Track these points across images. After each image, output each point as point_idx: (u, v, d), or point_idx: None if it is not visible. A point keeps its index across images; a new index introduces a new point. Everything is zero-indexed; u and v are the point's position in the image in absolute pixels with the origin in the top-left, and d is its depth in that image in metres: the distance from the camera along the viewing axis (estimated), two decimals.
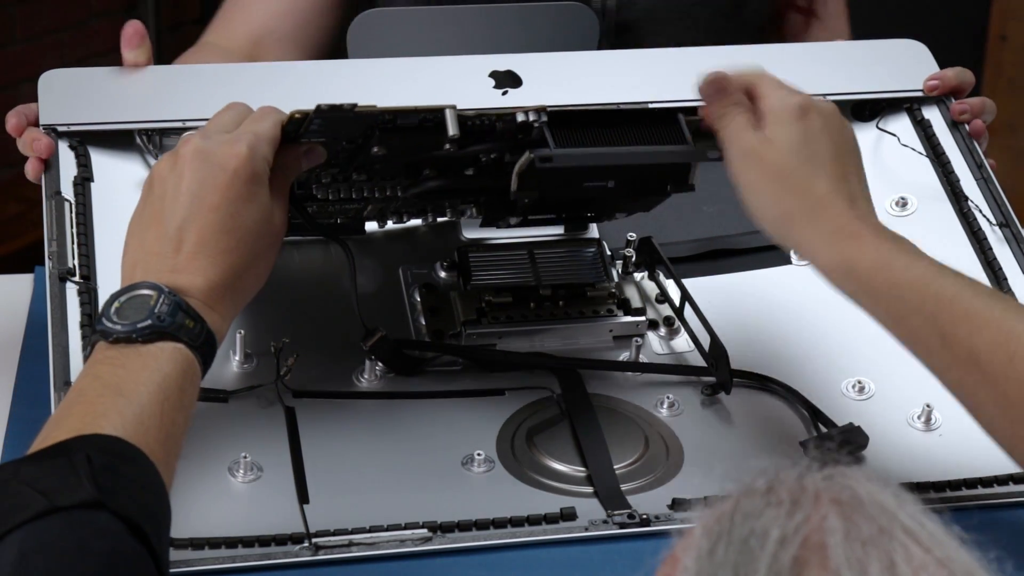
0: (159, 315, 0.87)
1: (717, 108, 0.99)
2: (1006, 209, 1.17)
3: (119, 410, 0.83)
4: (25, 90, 3.05)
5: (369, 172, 1.01)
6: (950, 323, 0.91)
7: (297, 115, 0.94)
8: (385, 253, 1.14)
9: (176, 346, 0.87)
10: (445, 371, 1.08)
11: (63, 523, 0.75)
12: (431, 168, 1.01)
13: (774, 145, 0.97)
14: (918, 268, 0.93)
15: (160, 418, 0.84)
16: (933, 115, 1.22)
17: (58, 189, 1.06)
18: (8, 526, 0.75)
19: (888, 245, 0.94)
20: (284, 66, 1.16)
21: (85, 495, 0.76)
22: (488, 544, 0.95)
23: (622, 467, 1.02)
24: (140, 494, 0.79)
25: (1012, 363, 0.88)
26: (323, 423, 1.03)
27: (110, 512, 0.76)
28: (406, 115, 0.98)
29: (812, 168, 0.96)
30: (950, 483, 1.01)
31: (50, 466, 0.78)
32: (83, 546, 0.75)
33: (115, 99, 1.11)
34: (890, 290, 0.93)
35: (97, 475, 0.77)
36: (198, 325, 0.88)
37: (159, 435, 0.83)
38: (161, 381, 0.85)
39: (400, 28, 1.31)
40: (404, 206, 1.07)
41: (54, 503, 0.75)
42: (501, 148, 1.01)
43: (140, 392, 0.84)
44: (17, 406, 1.08)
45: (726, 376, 1.07)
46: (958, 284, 0.92)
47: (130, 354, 0.86)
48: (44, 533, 0.75)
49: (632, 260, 1.16)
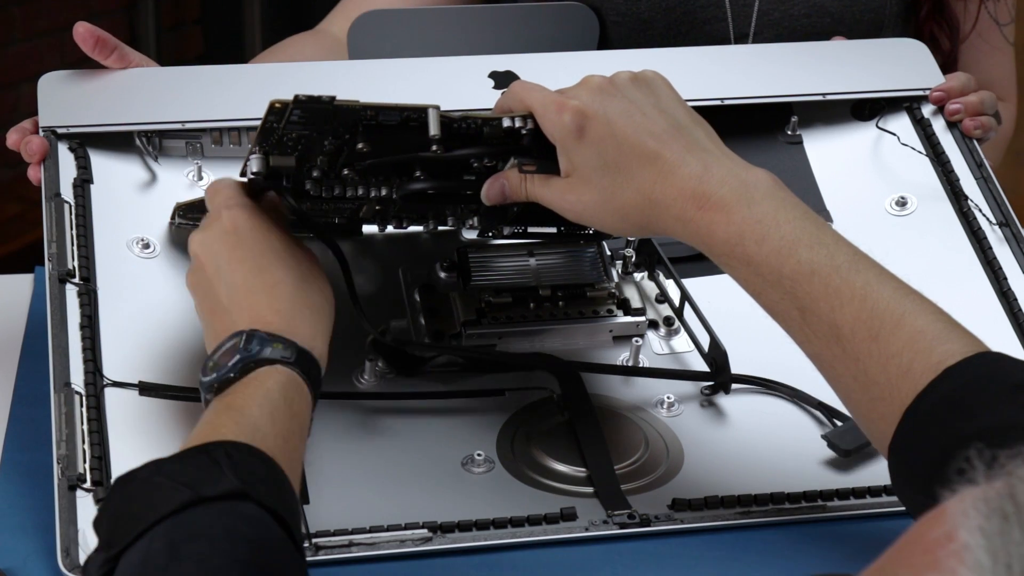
0: (247, 349, 0.89)
1: (512, 190, 0.99)
2: (1006, 209, 1.17)
3: (235, 420, 0.84)
4: (25, 90, 3.05)
5: (359, 169, 1.01)
6: (809, 298, 0.89)
7: (277, 104, 0.95)
8: (385, 254, 1.14)
9: (272, 367, 0.88)
10: (445, 371, 1.08)
11: (210, 512, 0.77)
12: (422, 170, 1.01)
13: (579, 174, 0.95)
14: (772, 241, 0.90)
15: (272, 425, 0.85)
16: (933, 114, 1.22)
17: (58, 191, 1.06)
18: (153, 518, 0.76)
19: (742, 214, 0.91)
20: (284, 67, 1.16)
21: (230, 485, 0.78)
22: (488, 544, 0.95)
23: (622, 467, 1.02)
24: (276, 489, 0.81)
25: (876, 341, 0.87)
26: (323, 423, 1.03)
27: (255, 502, 0.78)
28: (388, 112, 0.97)
29: (625, 174, 0.93)
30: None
31: (192, 462, 0.80)
32: (232, 532, 0.76)
33: (114, 101, 1.11)
34: (746, 265, 0.91)
35: (238, 468, 0.79)
36: (284, 345, 0.89)
37: (276, 440, 0.84)
38: (265, 394, 0.87)
39: (400, 28, 1.31)
40: (403, 211, 1.07)
41: (200, 493, 0.77)
42: (490, 154, 1.01)
43: (249, 406, 0.86)
44: (17, 406, 1.08)
45: (726, 378, 1.07)
46: (818, 255, 0.89)
47: (234, 388, 0.88)
48: (192, 522, 0.76)
49: (632, 260, 1.16)
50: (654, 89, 0.97)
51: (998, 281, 1.13)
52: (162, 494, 0.77)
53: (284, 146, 0.98)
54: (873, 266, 0.90)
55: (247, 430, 0.84)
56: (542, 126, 0.97)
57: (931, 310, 0.88)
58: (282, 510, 0.79)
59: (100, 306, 1.02)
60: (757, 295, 0.92)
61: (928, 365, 0.85)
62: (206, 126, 1.13)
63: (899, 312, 0.87)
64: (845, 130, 1.25)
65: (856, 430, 0.96)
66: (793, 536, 0.98)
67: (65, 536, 0.90)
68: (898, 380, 0.86)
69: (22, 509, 0.97)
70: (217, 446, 0.81)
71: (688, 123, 0.96)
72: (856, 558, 0.96)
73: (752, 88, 1.20)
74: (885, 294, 0.88)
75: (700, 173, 0.92)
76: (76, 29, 1.11)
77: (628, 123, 0.94)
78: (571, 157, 0.95)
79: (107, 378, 0.98)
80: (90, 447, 0.94)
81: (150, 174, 1.12)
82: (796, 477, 1.02)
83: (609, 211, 0.95)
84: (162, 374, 0.99)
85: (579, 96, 0.96)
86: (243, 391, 0.87)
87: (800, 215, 0.91)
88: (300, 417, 0.88)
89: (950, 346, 0.86)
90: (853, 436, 1.02)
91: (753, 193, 0.92)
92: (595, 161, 0.94)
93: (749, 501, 0.99)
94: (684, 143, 0.94)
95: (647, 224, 0.94)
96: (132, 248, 1.07)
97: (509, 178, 0.99)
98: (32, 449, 1.01)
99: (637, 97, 0.96)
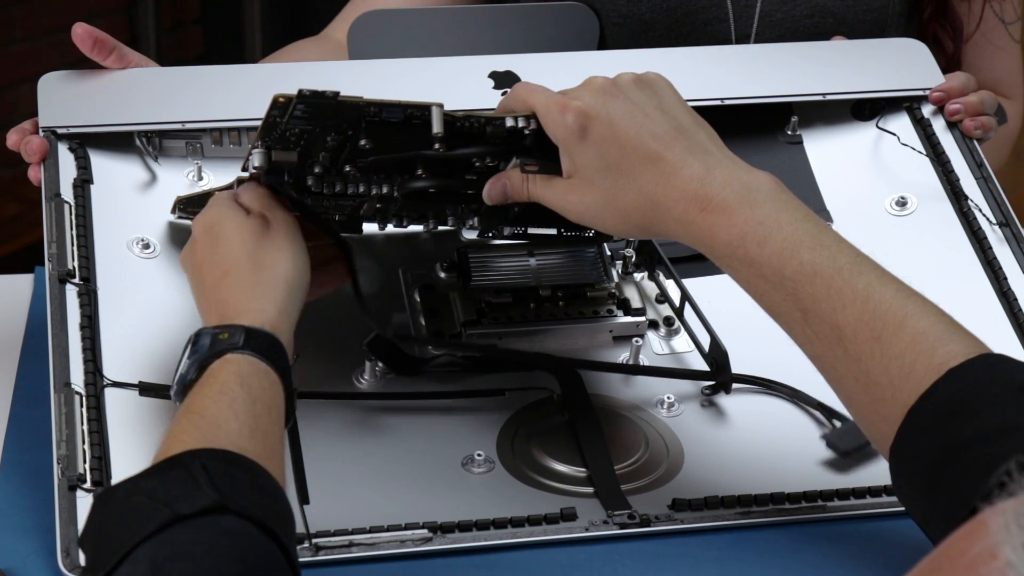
0: (195, 350, 0.89)
1: (513, 190, 0.99)
2: (1006, 208, 1.17)
3: (194, 424, 0.84)
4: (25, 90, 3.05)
5: (361, 166, 1.01)
6: (811, 300, 0.89)
7: (281, 99, 0.95)
8: (385, 253, 1.14)
9: (222, 359, 0.88)
10: (445, 371, 1.08)
11: (190, 530, 0.76)
12: (424, 168, 1.01)
13: (581, 175, 0.95)
14: (774, 243, 0.90)
15: (235, 418, 0.84)
16: (933, 114, 1.22)
17: (58, 191, 1.06)
18: (135, 540, 0.75)
19: (744, 216, 0.91)
20: (284, 67, 1.16)
21: (207, 500, 0.77)
22: (488, 544, 0.95)
23: (622, 467, 1.02)
24: (258, 496, 0.80)
25: (878, 343, 0.87)
26: (323, 423, 1.03)
27: (234, 514, 0.77)
28: (391, 109, 0.97)
29: (628, 176, 0.94)
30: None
31: (168, 477, 0.79)
32: (214, 548, 0.75)
33: (114, 101, 1.11)
34: (748, 267, 0.91)
35: (216, 480, 0.78)
36: (231, 332, 0.89)
37: (243, 432, 0.83)
38: (220, 388, 0.86)
39: (400, 28, 1.31)
40: (404, 209, 1.07)
41: (177, 512, 0.76)
42: (492, 153, 1.01)
43: (206, 405, 0.85)
44: (17, 406, 1.08)
45: (727, 378, 1.07)
46: (820, 257, 0.89)
47: (194, 389, 0.88)
48: (173, 542, 0.75)
49: (632, 260, 1.16)
50: (657, 91, 0.97)
51: (998, 281, 1.13)
52: (140, 515, 0.77)
53: (287, 141, 0.98)
54: (875, 268, 0.90)
55: (207, 431, 0.83)
56: (545, 126, 0.97)
57: (933, 311, 0.88)
58: (265, 517, 0.78)
59: (100, 306, 1.02)
60: (759, 297, 0.92)
61: (931, 366, 0.85)
62: (206, 126, 1.13)
63: (901, 314, 0.87)
64: (845, 130, 1.25)
65: (855, 431, 0.96)
66: (793, 536, 0.98)
67: (65, 536, 0.90)
68: (900, 381, 0.86)
69: (22, 509, 0.97)
70: (194, 457, 0.79)
71: (690, 125, 0.96)
72: (856, 558, 0.96)
73: (752, 88, 1.20)
74: (887, 295, 0.88)
75: (702, 175, 0.92)
76: (75, 30, 1.11)
77: (630, 124, 0.94)
78: (573, 158, 0.95)
79: (107, 378, 0.98)
80: (90, 447, 0.94)
81: (150, 174, 1.12)
82: (796, 477, 1.02)
83: (611, 212, 0.95)
84: (162, 374, 0.99)
85: (582, 97, 0.96)
86: (200, 391, 0.87)
87: (801, 217, 0.91)
88: (264, 398, 0.87)
89: (952, 347, 0.86)
90: (852, 437, 1.02)
91: (755, 195, 0.92)
92: (597, 162, 0.94)
93: (749, 501, 0.99)
94: (686, 145, 0.94)
95: (649, 226, 0.94)
96: (132, 248, 1.07)
97: (511, 178, 0.99)
98: (32, 449, 1.01)
99: (640, 98, 0.96)
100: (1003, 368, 0.86)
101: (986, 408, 0.83)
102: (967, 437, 0.82)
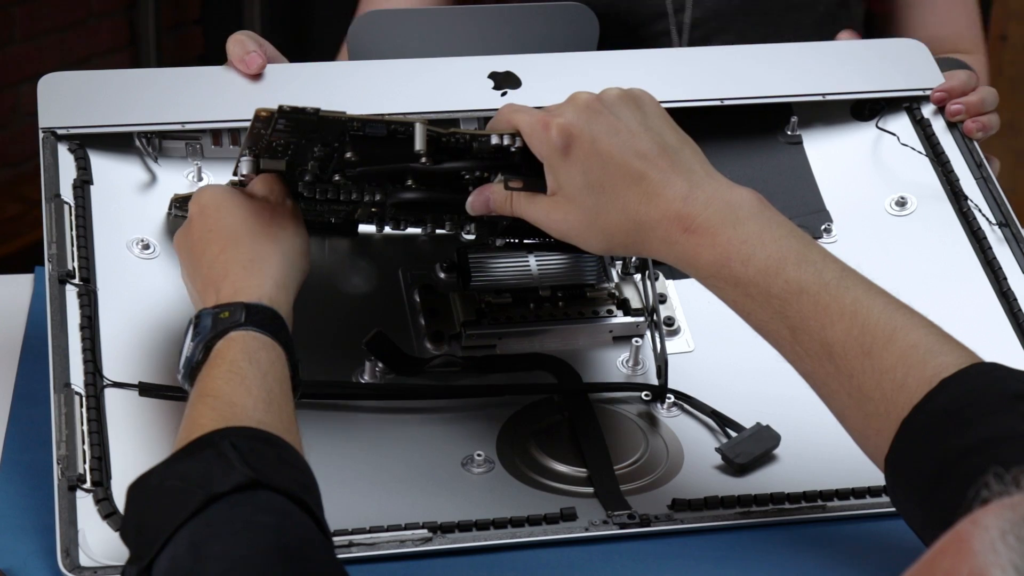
0: (198, 331, 0.90)
1: (496, 205, 0.99)
2: (1006, 209, 1.17)
3: (210, 406, 0.85)
4: (25, 90, 3.05)
5: (351, 176, 1.01)
6: (799, 317, 0.89)
7: (263, 113, 0.95)
8: (384, 254, 1.14)
9: (226, 338, 0.89)
10: (445, 371, 1.08)
11: (226, 507, 0.77)
12: (414, 179, 1.01)
13: (565, 192, 0.94)
14: (758, 261, 0.90)
15: (248, 395, 0.85)
16: (932, 114, 1.22)
17: (57, 192, 1.06)
18: (175, 524, 0.76)
19: (727, 235, 0.90)
20: (284, 67, 1.16)
21: (241, 478, 0.78)
22: (488, 544, 0.95)
23: (622, 467, 1.02)
24: (287, 469, 0.81)
25: (869, 357, 0.86)
26: (323, 423, 1.03)
27: (268, 488, 0.78)
28: (374, 125, 0.97)
29: (610, 194, 0.93)
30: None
31: (200, 458, 0.80)
32: (251, 524, 0.76)
33: (114, 101, 1.11)
34: (734, 287, 0.91)
35: (246, 457, 0.79)
36: (231, 310, 0.90)
37: (258, 407, 0.85)
38: (229, 367, 0.87)
39: (400, 29, 1.31)
40: (400, 214, 1.07)
41: (212, 492, 0.77)
42: (479, 168, 1.00)
43: (219, 385, 0.86)
44: (17, 406, 1.08)
45: (660, 388, 1.07)
46: (805, 273, 0.89)
47: (203, 372, 0.89)
48: (211, 522, 0.76)
49: (632, 261, 1.16)
50: (642, 107, 0.96)
51: (998, 281, 1.13)
52: (176, 499, 0.78)
53: (274, 151, 0.98)
54: (862, 282, 0.90)
55: (225, 411, 0.84)
56: (529, 144, 0.96)
57: (923, 324, 0.88)
58: (297, 489, 0.79)
59: (100, 307, 1.02)
60: (747, 316, 0.92)
61: (923, 378, 0.85)
62: (206, 127, 1.13)
63: (891, 327, 0.87)
64: (845, 130, 1.25)
65: (750, 442, 0.99)
66: (793, 536, 0.98)
67: (65, 536, 0.90)
68: (893, 395, 0.85)
69: (22, 509, 0.97)
70: (222, 437, 0.81)
71: (674, 142, 0.95)
72: (856, 558, 0.96)
73: (752, 88, 1.20)
74: (876, 309, 0.88)
75: (685, 194, 0.92)
76: (248, 63, 1.12)
77: (614, 142, 0.94)
78: (557, 175, 0.95)
79: (107, 379, 0.98)
80: (90, 447, 0.94)
81: (150, 175, 1.12)
82: (796, 477, 1.02)
83: (594, 231, 0.94)
84: (162, 374, 0.99)
85: (565, 114, 0.95)
86: (210, 373, 0.88)
87: (786, 233, 0.91)
88: (274, 371, 0.88)
89: (944, 359, 0.85)
90: (746, 447, 1.02)
91: (738, 213, 0.91)
92: (580, 180, 0.94)
93: (749, 501, 0.99)
94: (669, 163, 0.93)
95: (632, 245, 0.94)
96: (132, 249, 1.07)
97: (494, 192, 0.98)
98: (32, 449, 1.01)
99: (624, 115, 0.95)
100: (995, 377, 0.85)
101: (980, 418, 0.83)
102: (961, 447, 0.82)
